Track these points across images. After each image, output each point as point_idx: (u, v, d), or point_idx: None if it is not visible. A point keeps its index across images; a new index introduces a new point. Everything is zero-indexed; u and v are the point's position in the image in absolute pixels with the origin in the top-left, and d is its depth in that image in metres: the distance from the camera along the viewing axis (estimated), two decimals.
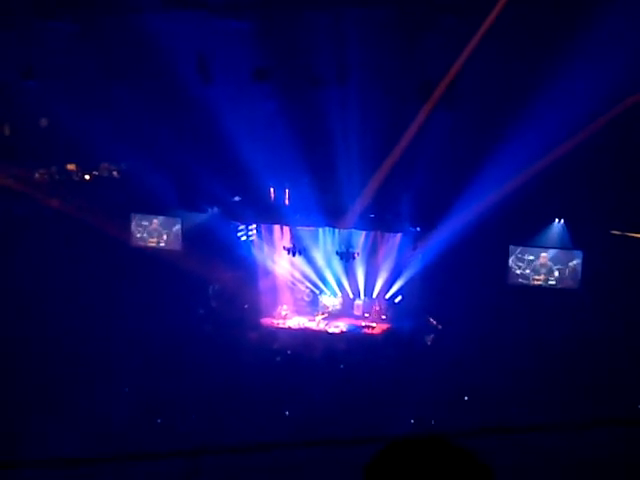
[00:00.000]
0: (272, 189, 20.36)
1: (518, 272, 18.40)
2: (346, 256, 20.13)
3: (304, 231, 20.73)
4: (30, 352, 16.34)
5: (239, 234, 21.14)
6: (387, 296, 20.66)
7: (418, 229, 19.19)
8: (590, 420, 3.56)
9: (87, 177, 21.41)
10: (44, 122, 20.13)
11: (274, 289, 21.52)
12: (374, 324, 20.40)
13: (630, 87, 14.15)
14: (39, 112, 19.70)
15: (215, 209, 20.56)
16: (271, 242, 21.46)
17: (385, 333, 20.08)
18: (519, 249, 18.39)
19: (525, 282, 18.32)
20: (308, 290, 21.49)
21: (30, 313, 17.94)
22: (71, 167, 21.29)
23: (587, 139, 15.30)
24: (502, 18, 11.52)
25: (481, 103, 15.68)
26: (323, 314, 20.85)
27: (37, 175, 20.92)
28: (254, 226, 21.50)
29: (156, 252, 20.81)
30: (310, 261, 21.03)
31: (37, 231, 19.53)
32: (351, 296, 21.16)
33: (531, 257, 18.33)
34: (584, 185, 16.31)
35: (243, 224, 21.18)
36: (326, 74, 15.65)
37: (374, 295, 20.86)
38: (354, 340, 19.41)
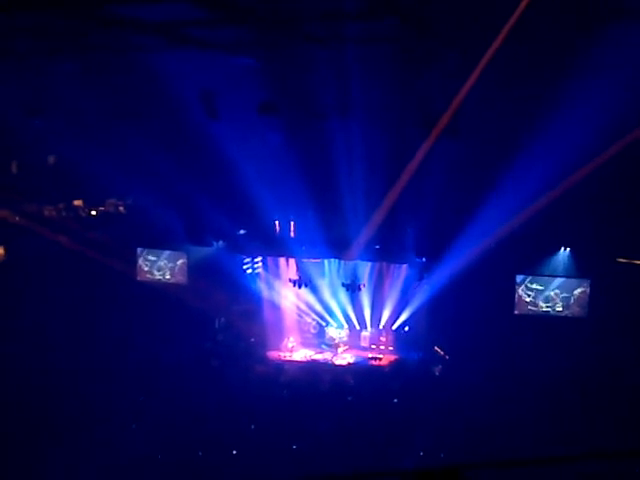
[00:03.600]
0: (277, 222, 20.45)
1: (528, 300, 18.42)
2: (352, 287, 20.12)
3: (310, 263, 20.76)
4: (36, 386, 16.30)
5: (245, 267, 21.18)
6: (394, 327, 20.61)
7: (424, 259, 19.18)
8: (601, 451, 3.55)
9: (94, 213, 21.56)
10: (51, 159, 20.36)
11: (280, 322, 21.49)
12: (381, 355, 20.31)
13: (638, 117, 14.20)
14: (46, 149, 19.95)
15: (221, 242, 20.64)
16: (277, 274, 21.49)
17: (392, 364, 19.98)
18: (529, 278, 18.41)
19: (534, 309, 18.32)
20: (314, 322, 21.46)
21: (37, 347, 17.94)
22: (78, 203, 21.46)
23: (593, 168, 15.35)
24: (504, 49, 11.62)
25: (486, 134, 15.77)
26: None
27: (44, 212, 21.08)
28: (260, 259, 21.56)
29: (162, 286, 20.87)
30: (316, 293, 21.04)
31: (44, 267, 19.61)
32: (358, 328, 21.11)
33: (539, 286, 18.34)
34: (590, 213, 16.34)
35: (249, 257, 21.24)
36: (330, 108, 15.81)
37: (381, 326, 20.81)
38: (361, 372, 19.30)
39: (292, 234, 20.46)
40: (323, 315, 21.27)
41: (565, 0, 9.92)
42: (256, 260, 21.51)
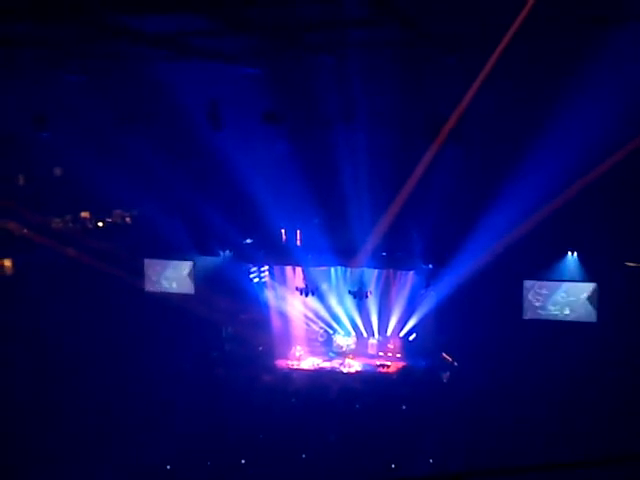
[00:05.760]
0: (283, 230, 20.47)
1: (537, 304, 18.34)
2: (359, 295, 20.07)
3: (316, 271, 20.76)
4: (43, 396, 16.32)
5: (252, 276, 21.20)
6: (401, 334, 20.55)
7: (430, 266, 19.15)
8: (610, 457, 3.52)
9: (100, 224, 21.64)
10: (58, 171, 20.44)
11: (288, 330, 21.47)
12: (389, 363, 20.26)
13: None
14: (53, 162, 20.03)
15: (227, 252, 20.68)
16: (284, 283, 21.49)
17: (400, 371, 19.93)
18: (537, 283, 18.32)
19: (543, 313, 18.23)
20: (322, 330, 21.42)
21: (44, 358, 17.96)
22: (85, 215, 21.56)
23: (600, 173, 15.31)
24: (509, 54, 11.62)
25: (491, 138, 15.76)
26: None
27: (51, 224, 21.15)
28: (266, 267, 21.57)
29: (169, 296, 20.87)
30: (323, 301, 21.02)
31: (51, 278, 19.65)
32: (365, 335, 21.06)
33: (547, 291, 18.26)
34: (597, 218, 16.29)
35: (255, 266, 21.27)
36: (335, 115, 15.84)
37: (388, 333, 20.77)
38: (369, 380, 19.25)
39: (298, 242, 20.48)
40: (330, 323, 21.24)
41: (567, 5, 9.92)
42: (263, 269, 21.53)
